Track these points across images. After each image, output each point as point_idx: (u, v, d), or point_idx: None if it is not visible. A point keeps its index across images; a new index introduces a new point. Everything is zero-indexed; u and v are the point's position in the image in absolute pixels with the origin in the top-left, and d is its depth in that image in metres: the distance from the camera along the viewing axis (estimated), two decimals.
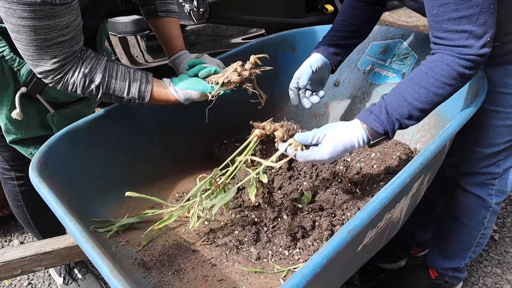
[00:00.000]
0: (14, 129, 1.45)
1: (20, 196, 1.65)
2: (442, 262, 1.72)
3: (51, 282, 2.00)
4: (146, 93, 1.29)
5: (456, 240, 1.67)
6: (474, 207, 1.58)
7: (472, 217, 1.60)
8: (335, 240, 0.88)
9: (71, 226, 1.00)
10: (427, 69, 1.12)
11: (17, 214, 1.73)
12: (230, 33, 2.58)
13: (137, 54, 2.39)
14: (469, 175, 1.56)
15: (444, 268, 1.72)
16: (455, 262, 1.70)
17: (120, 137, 1.47)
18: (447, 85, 1.10)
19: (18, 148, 1.49)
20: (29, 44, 1.09)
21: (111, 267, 0.88)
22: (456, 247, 1.67)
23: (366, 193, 1.40)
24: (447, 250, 1.70)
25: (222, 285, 1.21)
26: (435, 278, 1.74)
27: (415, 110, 1.12)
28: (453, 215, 1.65)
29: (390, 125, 1.14)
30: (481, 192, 1.56)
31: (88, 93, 1.24)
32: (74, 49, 1.16)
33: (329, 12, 2.48)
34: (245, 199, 1.49)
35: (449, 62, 1.09)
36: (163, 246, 1.33)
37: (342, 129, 1.15)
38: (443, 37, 1.09)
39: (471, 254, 1.68)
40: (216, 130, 1.73)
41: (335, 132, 1.14)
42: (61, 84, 1.20)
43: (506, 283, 1.88)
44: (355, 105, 1.77)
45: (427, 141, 1.54)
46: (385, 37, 1.74)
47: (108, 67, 1.24)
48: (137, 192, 1.51)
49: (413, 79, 1.14)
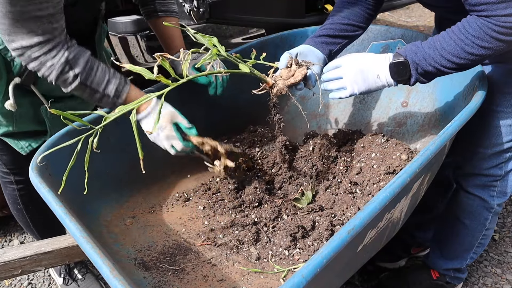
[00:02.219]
0: (5, 121, 1.43)
1: (19, 200, 1.65)
2: (444, 262, 1.72)
3: (51, 282, 2.00)
4: (122, 93, 1.29)
5: (457, 241, 1.67)
6: (476, 209, 1.58)
7: (474, 218, 1.60)
8: (335, 240, 0.88)
9: (71, 226, 1.00)
10: (461, 27, 1.14)
11: (17, 217, 1.74)
12: (230, 33, 2.58)
13: (137, 54, 2.39)
14: (472, 177, 1.56)
15: (446, 269, 1.73)
16: (457, 263, 1.70)
17: (120, 137, 1.47)
18: (477, 45, 1.12)
19: (9, 141, 1.47)
20: (5, 16, 1.07)
21: (111, 267, 0.88)
22: (458, 248, 1.68)
23: (366, 193, 1.40)
24: (449, 251, 1.70)
25: (222, 285, 1.21)
26: (437, 278, 1.74)
27: (440, 57, 1.15)
28: (455, 216, 1.65)
29: (412, 55, 1.19)
30: (483, 193, 1.56)
31: (62, 81, 1.22)
32: (54, 26, 1.14)
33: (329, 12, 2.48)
34: (245, 199, 1.50)
35: (482, 25, 1.10)
36: (163, 246, 1.33)
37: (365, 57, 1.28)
38: (481, 9, 1.09)
39: (473, 254, 1.68)
40: (216, 130, 1.73)
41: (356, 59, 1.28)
42: (37, 63, 1.17)
43: (506, 283, 1.88)
44: (355, 105, 1.77)
45: (427, 141, 1.54)
46: (385, 37, 1.74)
47: (91, 60, 1.24)
48: (137, 192, 1.51)
49: (445, 34, 1.17)
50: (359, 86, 1.27)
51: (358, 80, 1.26)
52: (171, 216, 1.48)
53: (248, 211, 1.47)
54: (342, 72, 1.29)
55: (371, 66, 1.25)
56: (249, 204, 1.48)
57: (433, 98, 1.58)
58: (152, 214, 1.47)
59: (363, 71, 1.26)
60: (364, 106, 1.75)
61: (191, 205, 1.53)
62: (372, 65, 1.25)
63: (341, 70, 1.29)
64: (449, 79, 1.53)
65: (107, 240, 1.31)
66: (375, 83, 1.26)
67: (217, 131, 1.73)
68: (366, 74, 1.26)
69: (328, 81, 1.33)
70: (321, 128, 1.81)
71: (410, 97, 1.65)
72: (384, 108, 1.70)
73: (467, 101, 1.38)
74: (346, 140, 1.64)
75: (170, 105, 1.34)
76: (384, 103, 1.70)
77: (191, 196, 1.57)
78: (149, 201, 1.52)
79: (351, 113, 1.77)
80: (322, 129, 1.81)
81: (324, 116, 1.82)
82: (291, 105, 1.88)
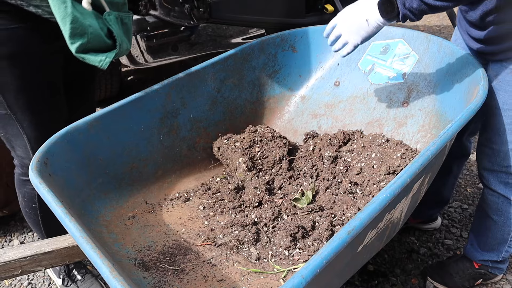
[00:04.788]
0: (80, 29, 1.27)
1: (36, 199, 1.65)
2: (480, 254, 1.77)
3: (51, 282, 2.00)
4: None
5: (490, 235, 1.71)
6: (501, 206, 1.62)
7: (502, 214, 1.64)
8: (335, 241, 0.88)
9: (71, 226, 1.00)
10: None
11: (28, 215, 1.73)
12: (230, 33, 2.58)
13: (137, 54, 2.39)
14: (492, 173, 1.60)
15: (482, 260, 1.77)
16: (493, 255, 1.74)
17: (120, 137, 1.47)
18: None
19: (86, 58, 1.32)
20: None
21: (111, 267, 0.88)
22: (491, 241, 1.72)
23: (366, 193, 1.40)
24: (484, 244, 1.75)
25: (222, 285, 1.21)
26: (478, 267, 1.79)
27: None
28: (484, 212, 1.69)
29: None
30: (505, 191, 1.59)
31: None
32: None
33: (329, 12, 2.48)
34: (245, 199, 1.49)
35: None
36: (163, 246, 1.33)
37: None
38: None
39: (508, 248, 1.72)
40: (216, 130, 1.73)
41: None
42: None
43: (506, 283, 1.88)
44: (355, 105, 1.77)
45: (428, 141, 1.54)
46: (385, 37, 1.74)
47: None
48: (137, 192, 1.51)
49: None
50: (358, 36, 1.34)
51: (354, 30, 1.34)
52: (171, 216, 1.48)
53: (248, 211, 1.47)
54: (339, 30, 1.38)
55: (361, 13, 1.31)
56: (249, 204, 1.48)
57: (434, 98, 1.58)
58: (152, 214, 1.47)
59: (356, 20, 1.33)
60: (364, 106, 1.75)
61: (191, 205, 1.53)
62: (362, 12, 1.31)
63: (338, 28, 1.38)
64: (450, 79, 1.53)
65: (107, 240, 1.31)
66: (370, 27, 1.32)
67: (217, 131, 1.73)
68: (359, 23, 1.32)
69: (332, 44, 1.43)
70: (321, 128, 1.81)
71: (410, 97, 1.65)
72: (384, 108, 1.70)
73: (467, 101, 1.38)
74: (346, 140, 1.64)
75: None
76: (385, 103, 1.70)
77: (191, 196, 1.57)
78: (149, 201, 1.52)
79: (351, 113, 1.77)
80: (322, 129, 1.81)
81: (324, 116, 1.82)
82: (291, 105, 1.88)
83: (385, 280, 1.86)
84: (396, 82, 1.69)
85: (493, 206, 1.64)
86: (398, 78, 1.69)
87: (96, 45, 1.32)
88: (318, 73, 1.87)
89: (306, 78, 1.88)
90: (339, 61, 1.84)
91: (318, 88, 1.86)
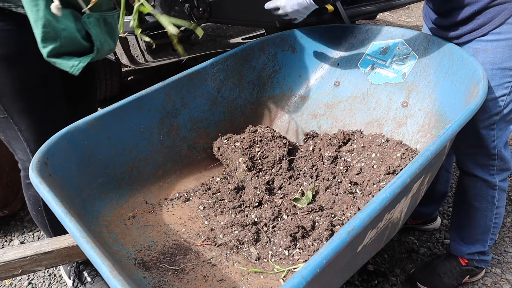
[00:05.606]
0: (52, 33, 1.24)
1: (41, 202, 1.65)
2: (466, 248, 1.76)
3: (51, 282, 2.00)
4: None
5: (473, 224, 1.71)
6: (481, 189, 1.63)
7: (482, 199, 1.64)
8: (334, 241, 0.88)
9: (71, 226, 1.00)
10: None
11: (35, 217, 1.73)
12: (230, 33, 2.58)
13: (137, 54, 2.39)
14: (467, 156, 1.61)
15: (469, 253, 1.77)
16: (479, 246, 1.74)
17: (120, 137, 1.48)
18: None
19: (57, 62, 1.29)
20: None
21: (111, 267, 0.88)
22: (475, 231, 1.72)
23: (366, 193, 1.40)
24: (468, 236, 1.75)
25: (222, 285, 1.21)
26: (466, 264, 1.79)
27: None
28: (464, 201, 1.70)
29: None
30: (483, 173, 1.60)
31: None
32: None
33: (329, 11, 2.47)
34: (245, 199, 1.50)
35: None
36: (163, 246, 1.33)
37: None
38: None
39: (492, 235, 1.72)
40: (216, 130, 1.73)
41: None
42: None
43: (506, 282, 1.88)
44: (355, 105, 1.77)
45: (428, 141, 1.54)
46: (385, 37, 1.74)
47: None
48: (137, 192, 1.52)
49: None
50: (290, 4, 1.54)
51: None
52: (171, 216, 1.48)
53: (248, 211, 1.47)
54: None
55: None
56: (249, 204, 1.49)
57: (433, 98, 1.58)
58: (152, 214, 1.47)
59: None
60: (364, 106, 1.75)
61: (191, 205, 1.53)
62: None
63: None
64: (450, 80, 1.53)
65: (107, 240, 1.31)
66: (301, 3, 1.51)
67: (217, 131, 1.73)
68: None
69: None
70: (321, 128, 1.81)
71: (410, 97, 1.65)
72: (384, 108, 1.70)
73: (467, 101, 1.38)
74: (346, 140, 1.65)
75: None
76: (384, 103, 1.70)
77: (191, 196, 1.57)
78: (149, 201, 1.52)
79: (351, 113, 1.77)
80: (322, 129, 1.81)
81: (324, 116, 1.82)
82: (291, 105, 1.88)
83: (385, 280, 1.87)
84: (396, 82, 1.69)
85: (472, 192, 1.65)
86: (398, 78, 1.69)
87: (70, 49, 1.28)
88: (318, 73, 1.87)
89: (306, 78, 1.88)
90: (339, 61, 1.84)
91: (318, 88, 1.86)
